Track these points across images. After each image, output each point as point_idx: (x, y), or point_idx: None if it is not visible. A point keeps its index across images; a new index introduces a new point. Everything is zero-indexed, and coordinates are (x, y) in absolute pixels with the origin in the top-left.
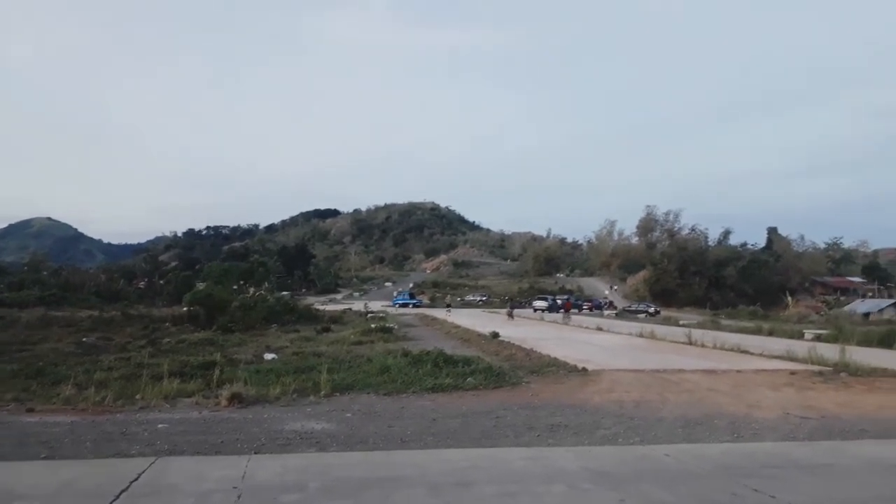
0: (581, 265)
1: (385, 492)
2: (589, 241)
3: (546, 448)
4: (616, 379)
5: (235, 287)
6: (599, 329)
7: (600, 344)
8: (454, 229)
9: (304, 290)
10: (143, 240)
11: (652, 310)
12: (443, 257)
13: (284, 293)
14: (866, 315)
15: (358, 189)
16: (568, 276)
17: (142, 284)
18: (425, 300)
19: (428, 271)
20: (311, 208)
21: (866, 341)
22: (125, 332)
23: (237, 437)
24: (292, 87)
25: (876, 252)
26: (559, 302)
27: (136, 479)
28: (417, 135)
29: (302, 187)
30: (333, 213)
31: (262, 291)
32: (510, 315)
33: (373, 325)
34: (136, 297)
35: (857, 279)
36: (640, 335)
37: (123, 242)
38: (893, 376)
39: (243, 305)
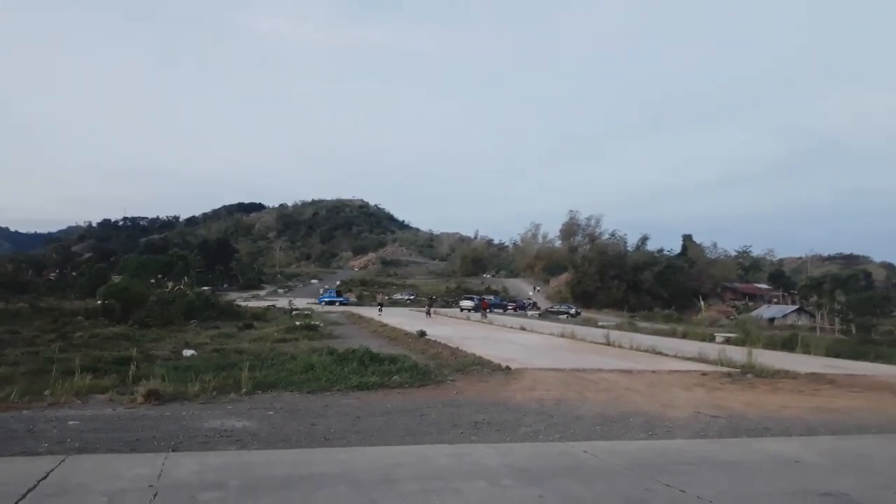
0: (507, 266)
1: (307, 490)
2: (515, 244)
3: (469, 445)
4: (538, 378)
5: (153, 281)
6: (523, 329)
7: (523, 343)
8: (383, 227)
9: (225, 285)
10: (54, 229)
11: (573, 311)
12: (371, 255)
13: (205, 288)
14: (771, 320)
15: (284, 184)
16: (494, 276)
17: (52, 276)
18: (352, 298)
19: (356, 269)
20: (234, 202)
21: (771, 345)
22: (33, 325)
23: (154, 435)
24: (217, 80)
25: (781, 260)
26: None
27: (44, 478)
28: (347, 133)
29: (225, 180)
30: (258, 208)
31: (182, 286)
32: (428, 313)
33: (297, 323)
34: (45, 289)
35: (764, 286)
36: (562, 335)
37: (32, 231)
38: (794, 378)
39: (161, 300)
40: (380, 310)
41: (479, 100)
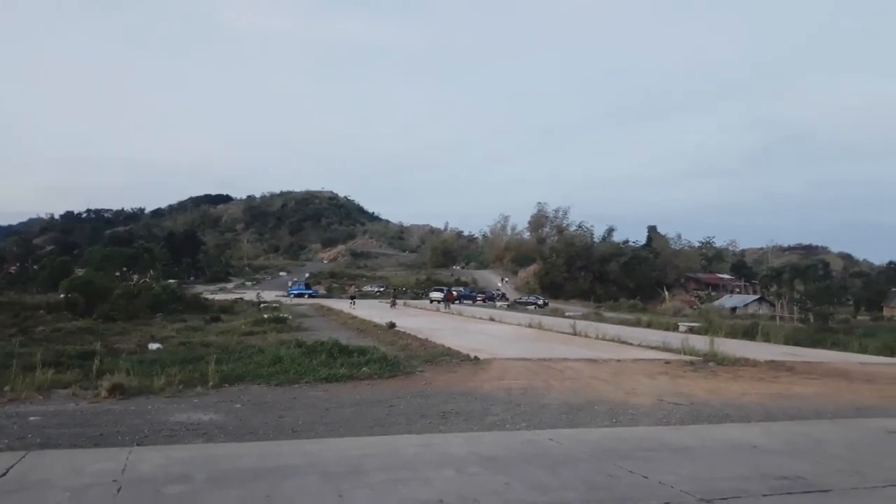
0: (476, 258)
1: (275, 481)
2: (484, 235)
3: (437, 435)
4: (505, 367)
5: (118, 274)
6: (492, 319)
7: (492, 334)
8: (353, 219)
9: (192, 278)
10: (14, 221)
11: (541, 302)
12: (341, 247)
13: (171, 281)
14: (733, 309)
15: (252, 175)
16: (464, 268)
17: (12, 269)
18: (322, 290)
19: (325, 261)
20: (201, 193)
21: (733, 333)
22: None
23: (118, 430)
24: (184, 70)
25: (743, 251)
26: (455, 293)
27: (3, 475)
28: (316, 123)
29: (192, 171)
30: (225, 199)
31: (147, 279)
32: (393, 304)
33: (265, 316)
34: (5, 283)
35: (726, 276)
36: (529, 326)
37: None
38: (754, 365)
39: (126, 293)
40: (352, 302)
41: (450, 91)
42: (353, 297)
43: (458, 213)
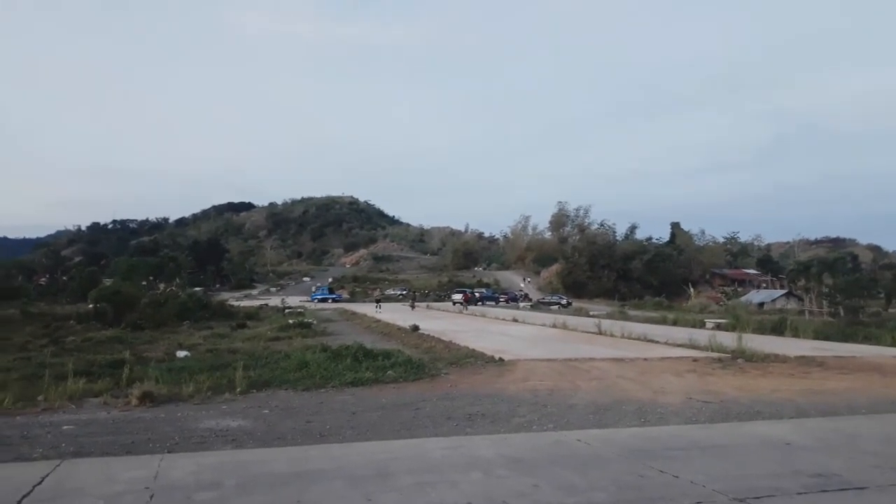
0: (498, 259)
1: (303, 486)
2: (505, 236)
3: (464, 437)
4: (531, 368)
5: (145, 283)
6: (515, 320)
7: (516, 335)
8: (373, 223)
9: (217, 285)
10: (43, 234)
11: (564, 301)
12: (362, 252)
13: (197, 289)
14: (761, 305)
15: (273, 182)
16: (485, 269)
17: (42, 281)
18: (345, 295)
19: (347, 266)
20: (223, 201)
21: (760, 329)
22: (25, 330)
23: (149, 437)
24: (203, 79)
25: (769, 246)
26: (477, 295)
27: (39, 484)
28: (335, 129)
29: (214, 180)
30: (248, 207)
31: (174, 287)
32: (412, 307)
33: (290, 321)
34: (36, 295)
35: (752, 271)
36: (554, 326)
37: (22, 237)
38: (784, 361)
39: (153, 302)
40: (378, 306)
41: (466, 92)
42: (378, 301)
43: (479, 214)
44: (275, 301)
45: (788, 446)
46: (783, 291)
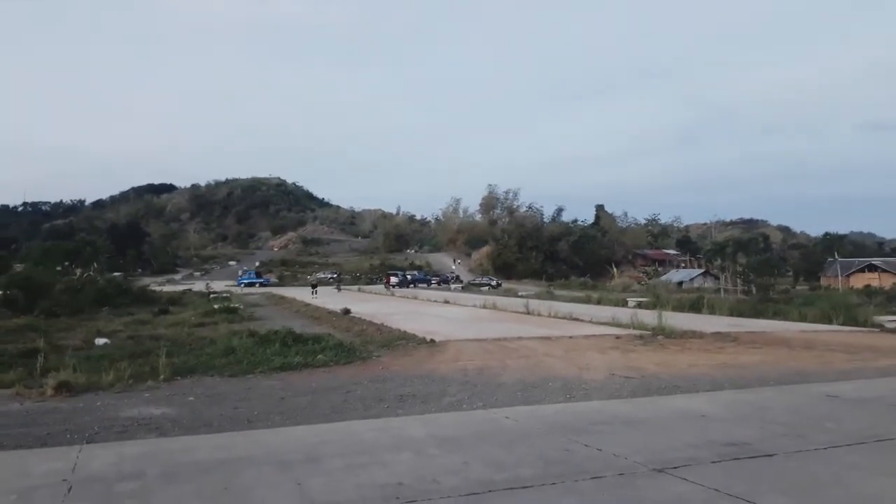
0: (430, 241)
1: (231, 473)
2: (437, 219)
3: (394, 418)
4: (461, 348)
5: (60, 268)
6: (447, 302)
7: (447, 316)
8: (302, 206)
9: (138, 270)
10: None
11: (494, 283)
12: (291, 235)
13: (116, 274)
14: (680, 284)
15: (196, 163)
16: (417, 252)
17: None
18: (273, 279)
19: (275, 249)
20: (143, 183)
21: (679, 307)
22: None
23: (66, 428)
24: (122, 53)
25: (688, 227)
26: (409, 277)
27: None
28: (261, 109)
29: (134, 160)
30: (169, 189)
31: (91, 272)
32: (338, 289)
33: (216, 306)
34: None
35: (672, 252)
36: (484, 307)
37: None
38: (701, 337)
39: (69, 288)
40: (314, 291)
41: (398, 75)
42: (314, 286)
43: (410, 196)
44: (199, 286)
45: (704, 418)
46: (701, 271)
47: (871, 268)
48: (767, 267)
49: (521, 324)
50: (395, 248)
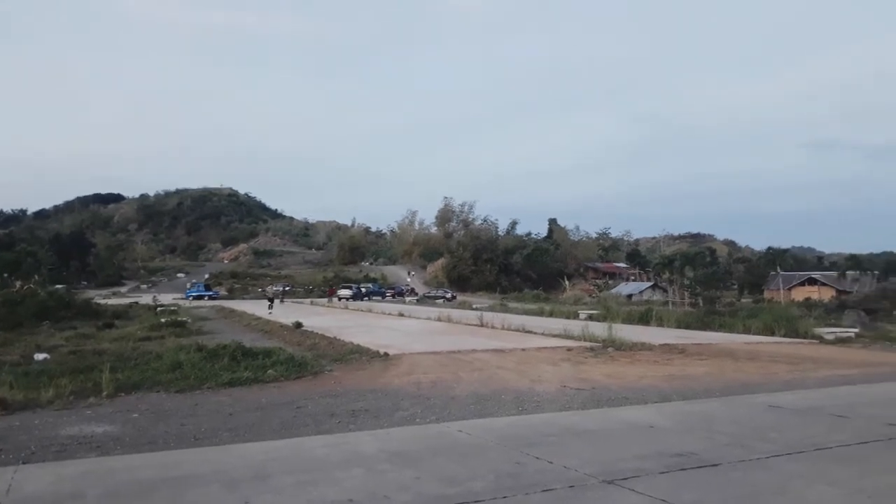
0: (385, 253)
1: (176, 492)
2: (392, 231)
3: (346, 434)
4: (415, 362)
5: None
6: (401, 315)
7: (401, 329)
8: (254, 217)
9: (83, 282)
10: None
11: (449, 295)
12: (242, 246)
13: (59, 286)
14: (629, 296)
15: (145, 172)
16: (372, 264)
17: None
18: (223, 291)
19: (226, 261)
20: (89, 192)
21: (629, 319)
22: None
23: (1, 448)
24: (68, 59)
25: (637, 241)
26: (363, 290)
27: None
28: (213, 118)
29: (79, 169)
30: (116, 199)
31: (32, 284)
32: (281, 300)
33: (163, 320)
34: None
35: (622, 265)
36: (439, 319)
37: None
38: (650, 349)
39: (8, 301)
40: (270, 306)
41: (354, 86)
42: (270, 301)
43: (366, 208)
44: (146, 299)
45: (652, 429)
46: (650, 284)
47: (812, 281)
48: (713, 280)
49: (475, 336)
50: (350, 260)
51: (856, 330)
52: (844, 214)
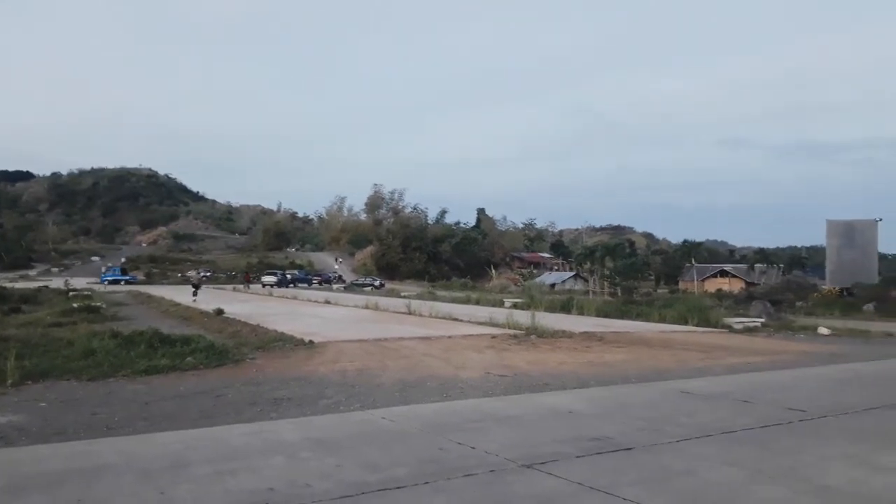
0: (312, 240)
1: (86, 483)
2: (320, 217)
3: (267, 422)
4: (341, 349)
5: None
6: (328, 302)
7: (328, 317)
8: (175, 199)
9: None
10: None
11: (378, 283)
12: (161, 229)
13: None
14: (553, 286)
15: (58, 150)
16: (298, 250)
17: None
18: (140, 276)
19: (144, 245)
20: None
21: (552, 308)
22: None
23: None
24: None
25: (561, 231)
26: (289, 276)
27: None
28: (131, 97)
29: None
30: (26, 176)
31: None
32: (196, 288)
33: (75, 305)
34: None
35: (546, 255)
36: (366, 307)
37: None
38: (570, 337)
39: None
40: (195, 293)
41: (282, 69)
42: (195, 287)
43: (292, 194)
44: (57, 283)
45: (571, 414)
46: (572, 273)
47: (723, 273)
48: (632, 271)
49: (402, 324)
50: (276, 246)
51: (762, 320)
52: (754, 210)
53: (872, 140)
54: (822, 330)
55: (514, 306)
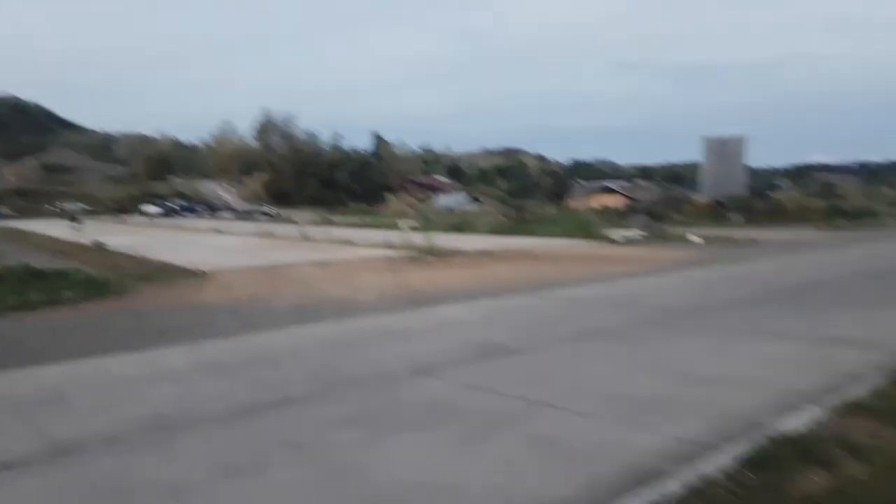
0: (199, 168)
1: None
2: (206, 144)
3: (154, 351)
4: (232, 278)
5: None
6: (218, 232)
7: (218, 246)
8: (44, 128)
9: None
10: None
11: (271, 211)
12: (30, 161)
13: None
14: (449, 208)
15: None
16: (185, 179)
17: None
18: (7, 211)
19: (12, 178)
20: None
21: (447, 229)
22: None
23: None
24: None
25: (458, 156)
26: (175, 207)
27: None
28: None
29: None
30: None
31: None
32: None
33: None
34: None
35: (443, 178)
36: (258, 235)
37: None
38: (464, 255)
39: None
40: (74, 225)
41: None
42: (74, 219)
43: (175, 119)
44: None
45: (462, 324)
46: (467, 196)
47: (609, 190)
48: (523, 191)
49: (297, 251)
50: (159, 175)
51: (643, 233)
52: (640, 130)
53: (743, 61)
54: (695, 238)
55: (411, 229)
